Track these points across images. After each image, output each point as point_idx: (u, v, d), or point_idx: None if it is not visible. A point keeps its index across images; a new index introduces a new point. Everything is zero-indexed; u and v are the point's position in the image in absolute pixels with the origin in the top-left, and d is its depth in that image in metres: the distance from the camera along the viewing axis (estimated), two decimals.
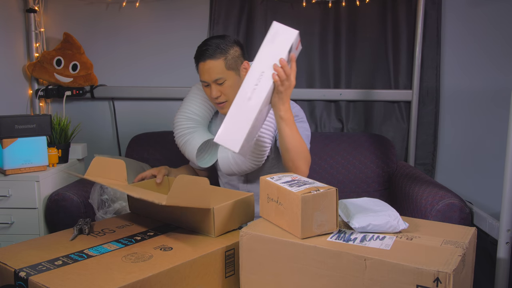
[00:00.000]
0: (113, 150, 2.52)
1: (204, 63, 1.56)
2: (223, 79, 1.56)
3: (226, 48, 1.56)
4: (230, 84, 1.57)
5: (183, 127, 1.67)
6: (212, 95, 1.58)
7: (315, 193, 1.14)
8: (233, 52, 1.58)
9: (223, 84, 1.57)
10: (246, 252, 1.21)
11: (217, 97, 1.58)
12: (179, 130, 1.68)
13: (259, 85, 1.33)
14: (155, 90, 2.45)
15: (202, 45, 1.59)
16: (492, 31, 2.37)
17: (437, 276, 0.96)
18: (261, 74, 1.33)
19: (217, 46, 1.55)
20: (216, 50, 1.54)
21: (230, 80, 1.57)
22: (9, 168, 1.75)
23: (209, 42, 1.58)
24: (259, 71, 1.34)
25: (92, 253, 1.19)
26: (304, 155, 1.50)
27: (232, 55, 1.57)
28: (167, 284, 1.11)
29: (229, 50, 1.57)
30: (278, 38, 1.35)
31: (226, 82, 1.57)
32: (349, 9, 2.36)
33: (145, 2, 2.42)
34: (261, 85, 1.33)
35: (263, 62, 1.34)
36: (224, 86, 1.57)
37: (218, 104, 1.61)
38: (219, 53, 1.55)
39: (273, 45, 1.35)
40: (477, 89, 2.41)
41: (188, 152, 1.67)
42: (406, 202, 1.89)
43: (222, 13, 2.38)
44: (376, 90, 2.40)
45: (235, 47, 1.59)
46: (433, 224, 1.28)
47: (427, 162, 2.43)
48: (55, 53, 2.36)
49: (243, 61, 1.61)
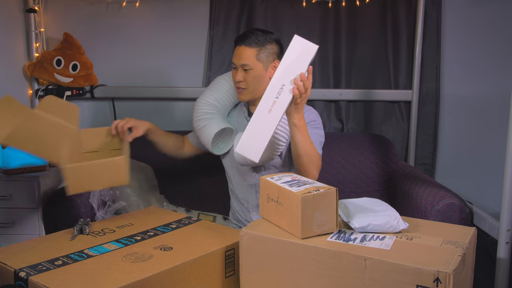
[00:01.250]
0: None
1: (239, 47, 1.66)
2: (250, 67, 1.64)
3: (264, 42, 1.66)
4: (254, 74, 1.65)
5: (203, 111, 1.73)
6: (236, 78, 1.67)
7: (315, 193, 1.14)
8: (269, 48, 1.67)
9: (248, 72, 1.65)
10: (246, 252, 1.21)
11: (239, 81, 1.66)
12: (198, 114, 1.73)
13: (279, 98, 1.40)
14: (155, 90, 2.45)
15: (246, 31, 1.71)
16: (492, 31, 2.37)
17: (437, 276, 0.96)
18: (282, 87, 1.40)
19: (256, 37, 1.65)
20: (254, 40, 1.64)
21: (255, 71, 1.65)
22: (9, 168, 1.75)
23: (252, 30, 1.69)
24: (280, 84, 1.40)
25: (92, 253, 1.19)
26: (315, 161, 1.57)
27: (267, 50, 1.66)
28: (167, 284, 1.11)
29: (266, 44, 1.66)
30: (299, 53, 1.42)
31: (252, 72, 1.65)
32: (349, 9, 2.36)
33: (145, 2, 2.41)
34: (282, 99, 1.40)
35: (285, 75, 1.41)
36: (248, 74, 1.65)
37: (238, 89, 1.69)
38: (255, 43, 1.64)
39: (295, 59, 1.41)
40: (477, 89, 2.41)
41: (203, 137, 1.71)
42: (406, 202, 1.89)
43: (222, 13, 2.38)
44: (376, 90, 2.39)
45: (274, 45, 1.69)
46: (433, 224, 1.28)
47: (427, 162, 2.43)
48: (55, 53, 2.35)
49: (275, 59, 1.69)
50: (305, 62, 1.41)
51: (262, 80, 1.67)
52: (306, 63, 1.41)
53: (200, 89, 2.44)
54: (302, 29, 2.39)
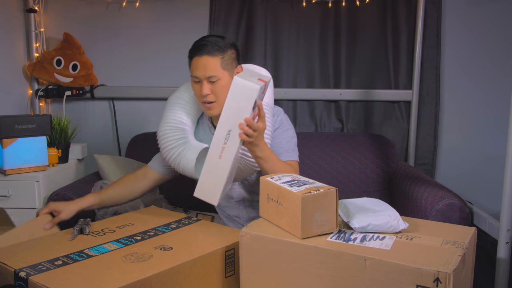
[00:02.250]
0: (113, 150, 2.52)
1: (200, 58, 1.52)
2: (217, 77, 1.51)
3: (224, 48, 1.53)
4: (222, 85, 1.52)
5: (172, 138, 1.57)
6: (202, 92, 1.52)
7: (315, 193, 1.14)
8: (230, 54, 1.55)
9: (215, 83, 1.52)
10: (246, 252, 1.21)
11: (206, 95, 1.52)
12: (169, 143, 1.57)
13: (227, 144, 1.34)
14: (155, 90, 2.45)
15: (199, 40, 1.56)
16: (492, 31, 2.37)
17: (437, 276, 0.96)
18: (228, 133, 1.33)
19: (215, 44, 1.52)
20: (214, 47, 1.51)
21: (223, 80, 1.52)
22: (9, 168, 1.75)
23: (208, 38, 1.55)
24: (226, 130, 1.33)
25: (92, 253, 1.19)
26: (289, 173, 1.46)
27: (229, 56, 1.54)
28: (167, 284, 1.11)
29: (227, 50, 1.54)
30: (240, 95, 1.33)
31: (219, 82, 1.52)
32: (349, 9, 2.36)
33: (145, 2, 2.41)
34: (229, 145, 1.34)
35: (229, 120, 1.33)
36: (216, 85, 1.52)
37: (205, 103, 1.55)
38: (217, 51, 1.51)
39: (237, 102, 1.33)
40: (477, 89, 2.41)
41: (183, 165, 1.55)
42: (406, 202, 1.89)
43: (222, 13, 2.38)
44: (376, 90, 2.39)
45: (232, 50, 1.56)
46: (433, 224, 1.28)
47: (427, 162, 2.43)
48: (55, 53, 2.36)
49: (237, 64, 1.59)
50: (248, 104, 1.32)
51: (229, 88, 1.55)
52: (249, 106, 1.32)
53: None
54: (302, 29, 2.39)
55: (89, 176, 2.01)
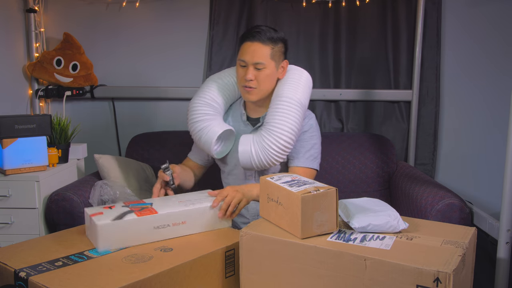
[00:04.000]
0: (113, 150, 2.52)
1: (252, 43, 1.57)
2: (264, 65, 1.58)
3: (276, 39, 1.60)
4: (267, 74, 1.59)
5: (201, 112, 1.63)
6: (247, 76, 1.58)
7: (315, 193, 1.14)
8: (280, 47, 1.62)
9: (260, 71, 1.58)
10: (246, 252, 1.21)
11: (250, 80, 1.58)
12: (196, 116, 1.63)
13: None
14: (155, 90, 2.45)
15: (255, 27, 1.62)
16: (492, 31, 2.37)
17: (437, 276, 0.96)
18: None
19: (269, 33, 1.58)
20: (268, 36, 1.57)
21: (268, 69, 1.59)
22: (9, 168, 1.75)
23: (262, 27, 1.61)
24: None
25: (92, 254, 1.19)
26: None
27: (278, 49, 1.61)
28: (168, 284, 1.11)
29: (278, 43, 1.60)
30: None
31: (264, 70, 1.59)
32: (349, 9, 2.36)
33: (145, 2, 2.41)
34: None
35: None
36: (260, 73, 1.58)
37: (246, 87, 1.60)
38: (269, 40, 1.57)
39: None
40: (477, 89, 2.41)
41: (204, 139, 1.62)
42: (406, 202, 1.89)
43: (222, 13, 2.38)
44: (376, 90, 2.39)
45: (282, 44, 1.63)
46: (433, 224, 1.28)
47: (427, 162, 2.43)
48: (55, 53, 2.35)
49: (283, 59, 1.64)
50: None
51: (273, 80, 1.63)
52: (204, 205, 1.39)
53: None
54: (302, 29, 2.39)
55: (89, 176, 2.01)
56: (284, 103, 1.57)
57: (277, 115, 1.57)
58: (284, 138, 1.55)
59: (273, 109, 1.59)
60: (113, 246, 1.22)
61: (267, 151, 1.56)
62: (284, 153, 1.59)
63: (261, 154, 1.57)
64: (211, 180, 1.90)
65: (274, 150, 1.56)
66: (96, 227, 1.21)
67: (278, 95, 1.61)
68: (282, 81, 1.66)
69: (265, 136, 1.56)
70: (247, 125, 1.72)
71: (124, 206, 1.34)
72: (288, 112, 1.56)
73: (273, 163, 1.60)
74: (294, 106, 1.57)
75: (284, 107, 1.57)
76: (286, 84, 1.63)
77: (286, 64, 1.66)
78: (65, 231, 1.40)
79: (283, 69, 1.65)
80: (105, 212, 1.28)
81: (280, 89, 1.63)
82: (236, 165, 1.72)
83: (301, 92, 1.61)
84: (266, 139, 1.56)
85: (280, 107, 1.57)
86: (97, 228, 1.21)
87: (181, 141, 2.25)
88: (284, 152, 1.59)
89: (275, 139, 1.55)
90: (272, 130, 1.56)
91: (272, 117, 1.58)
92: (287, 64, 1.67)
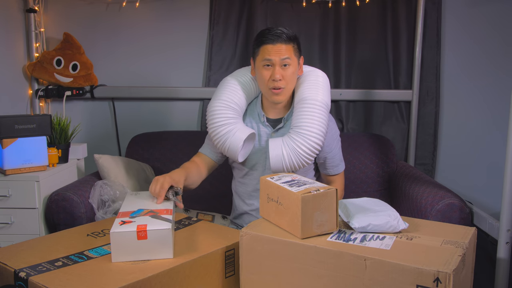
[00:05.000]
0: (113, 150, 2.52)
1: (274, 45, 1.57)
2: (290, 62, 1.58)
3: (294, 38, 1.60)
4: (292, 71, 1.60)
5: (225, 116, 1.61)
6: (275, 76, 1.56)
7: (315, 193, 1.14)
8: (297, 45, 1.63)
9: (286, 68, 1.58)
10: (246, 252, 1.21)
11: (279, 79, 1.56)
12: (220, 119, 1.61)
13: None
14: (155, 90, 2.45)
15: (270, 30, 1.59)
16: (492, 31, 2.37)
17: (437, 276, 0.96)
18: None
19: (287, 33, 1.58)
20: (288, 35, 1.58)
21: (293, 67, 1.60)
22: (9, 168, 1.75)
23: (280, 28, 1.59)
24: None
25: (92, 254, 1.19)
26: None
27: (297, 46, 1.63)
28: (167, 284, 1.11)
29: (295, 40, 1.61)
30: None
31: (290, 68, 1.58)
32: (349, 9, 2.36)
33: (145, 2, 2.41)
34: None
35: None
36: (287, 71, 1.58)
37: (274, 89, 1.58)
38: (290, 39, 1.58)
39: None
40: (477, 89, 2.41)
41: (231, 143, 1.58)
42: (406, 202, 1.89)
43: (222, 13, 2.38)
44: (376, 90, 2.39)
45: (297, 42, 1.63)
46: (433, 224, 1.28)
47: (427, 162, 2.43)
48: (55, 53, 2.35)
49: (300, 56, 1.65)
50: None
51: (295, 77, 1.64)
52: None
53: (200, 89, 2.44)
54: (302, 29, 2.39)
55: (89, 176, 2.01)
56: (310, 105, 1.58)
57: (304, 117, 1.57)
58: (314, 140, 1.56)
59: (300, 111, 1.59)
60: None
61: (299, 154, 1.56)
62: (314, 154, 1.59)
63: (293, 157, 1.56)
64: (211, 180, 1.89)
65: (305, 152, 1.56)
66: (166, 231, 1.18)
67: (303, 97, 1.61)
68: (301, 82, 1.66)
69: (296, 139, 1.56)
70: (267, 126, 1.71)
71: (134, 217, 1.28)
72: (315, 114, 1.57)
73: (304, 165, 1.60)
74: (319, 107, 1.58)
75: (310, 109, 1.57)
76: (307, 85, 1.63)
77: (302, 60, 1.67)
78: (65, 231, 1.40)
79: (300, 66, 1.66)
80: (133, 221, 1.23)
81: (302, 90, 1.63)
82: (254, 165, 1.71)
83: (323, 92, 1.62)
84: (298, 142, 1.55)
85: (306, 109, 1.58)
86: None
87: (181, 141, 2.26)
88: (314, 153, 1.59)
89: (306, 141, 1.55)
90: (302, 133, 1.55)
91: (300, 119, 1.58)
92: (303, 61, 1.68)
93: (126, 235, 1.15)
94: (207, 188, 2.12)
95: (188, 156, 1.80)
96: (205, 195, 2.13)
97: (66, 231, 1.39)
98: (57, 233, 1.39)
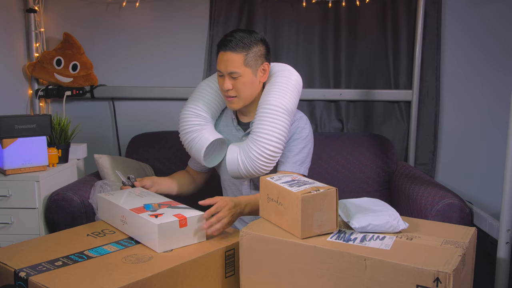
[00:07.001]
0: (113, 150, 2.52)
1: (224, 53, 1.54)
2: (238, 74, 1.54)
3: (250, 44, 1.54)
4: (244, 81, 1.56)
5: (191, 123, 1.63)
6: (223, 87, 1.57)
7: (315, 193, 1.14)
8: (256, 50, 1.56)
9: (237, 79, 1.55)
10: (246, 252, 1.21)
11: (228, 89, 1.56)
12: (187, 126, 1.63)
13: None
14: (155, 90, 2.45)
15: (228, 35, 1.58)
16: (492, 31, 2.37)
17: (437, 276, 0.96)
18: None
19: (241, 40, 1.53)
20: (239, 44, 1.53)
21: (244, 77, 1.55)
22: (9, 168, 1.75)
23: (235, 34, 1.56)
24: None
25: (92, 254, 1.19)
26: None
27: (254, 53, 1.56)
28: (168, 284, 1.11)
29: (252, 47, 1.55)
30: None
31: (240, 78, 1.55)
32: (349, 9, 2.36)
33: (145, 2, 2.41)
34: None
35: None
36: (237, 81, 1.55)
37: (228, 97, 1.59)
38: (241, 48, 1.53)
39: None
40: (477, 89, 2.41)
41: (195, 150, 1.62)
42: (406, 202, 1.89)
43: (222, 13, 2.38)
44: (376, 90, 2.39)
45: (260, 46, 1.58)
46: (433, 224, 1.28)
47: (427, 162, 2.43)
48: (55, 53, 2.35)
49: (264, 61, 1.60)
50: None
51: (252, 86, 1.58)
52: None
53: None
54: (302, 29, 2.39)
55: (89, 176, 2.01)
56: (269, 110, 1.54)
57: (262, 123, 1.53)
58: (270, 148, 1.52)
59: (259, 118, 1.56)
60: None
61: (254, 162, 1.54)
62: (271, 162, 1.56)
63: (248, 164, 1.55)
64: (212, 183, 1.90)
65: (260, 161, 1.53)
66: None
67: (264, 102, 1.57)
68: (269, 86, 1.61)
69: (251, 147, 1.54)
70: (239, 130, 1.70)
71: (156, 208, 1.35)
72: (274, 120, 1.52)
73: (261, 172, 1.57)
74: (280, 113, 1.53)
75: (269, 115, 1.53)
76: (272, 90, 1.58)
77: (267, 66, 1.61)
78: (65, 231, 1.40)
79: (264, 72, 1.60)
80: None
81: (266, 95, 1.58)
82: (224, 170, 1.71)
83: (288, 97, 1.57)
84: (252, 150, 1.53)
85: (266, 115, 1.54)
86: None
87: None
88: (271, 161, 1.56)
89: (261, 149, 1.52)
90: (257, 140, 1.52)
91: (258, 126, 1.54)
92: (269, 67, 1.62)
93: (169, 225, 1.22)
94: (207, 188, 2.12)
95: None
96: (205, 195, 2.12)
97: (66, 231, 1.39)
98: (57, 233, 1.39)
